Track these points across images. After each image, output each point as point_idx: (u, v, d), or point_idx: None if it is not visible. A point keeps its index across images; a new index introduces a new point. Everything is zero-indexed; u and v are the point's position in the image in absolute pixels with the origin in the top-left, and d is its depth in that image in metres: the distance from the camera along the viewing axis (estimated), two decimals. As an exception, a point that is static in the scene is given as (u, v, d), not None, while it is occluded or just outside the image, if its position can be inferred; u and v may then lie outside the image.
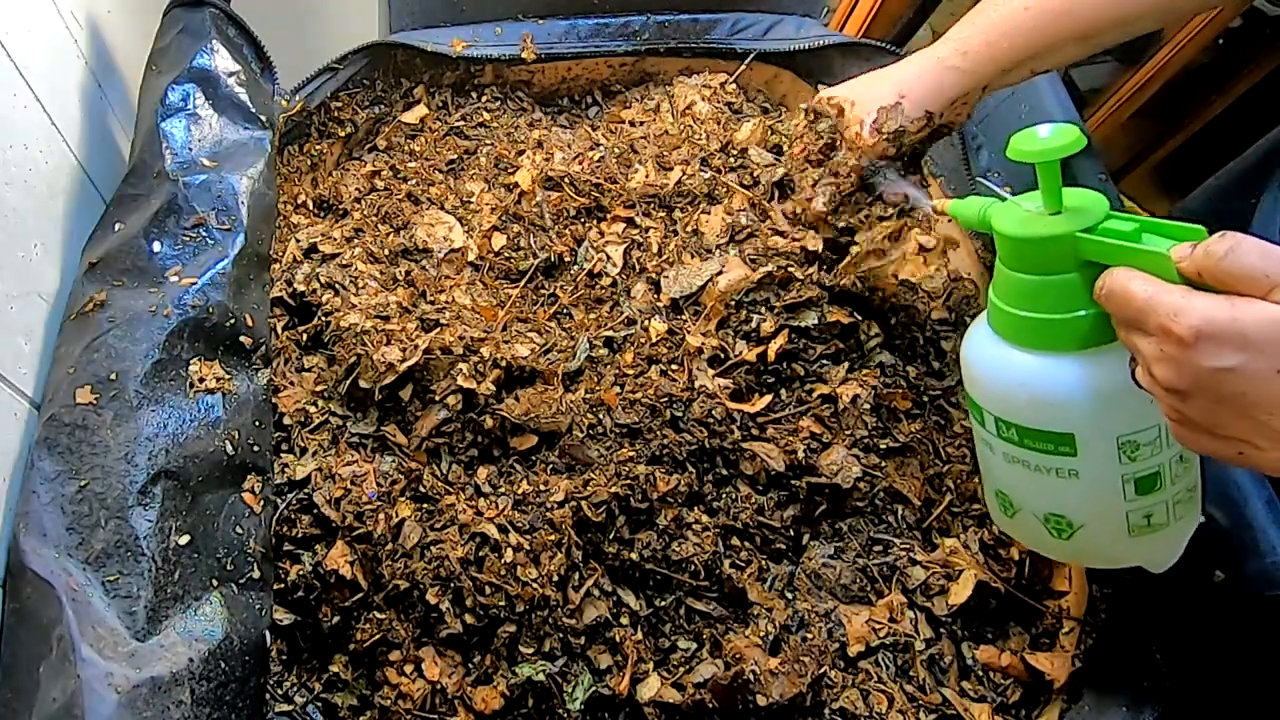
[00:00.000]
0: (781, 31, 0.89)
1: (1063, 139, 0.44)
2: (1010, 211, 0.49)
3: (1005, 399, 0.50)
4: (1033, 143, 0.45)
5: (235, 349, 0.61)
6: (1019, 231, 0.46)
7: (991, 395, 0.51)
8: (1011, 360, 0.49)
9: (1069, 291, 0.46)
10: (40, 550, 0.48)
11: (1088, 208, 0.46)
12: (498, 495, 0.60)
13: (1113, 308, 0.43)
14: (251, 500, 0.57)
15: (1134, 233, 0.43)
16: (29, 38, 0.63)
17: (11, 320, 0.55)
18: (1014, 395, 0.49)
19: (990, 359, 0.50)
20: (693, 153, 0.80)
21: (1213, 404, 0.39)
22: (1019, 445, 0.51)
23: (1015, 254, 0.47)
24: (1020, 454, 0.51)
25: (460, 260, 0.73)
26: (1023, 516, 0.54)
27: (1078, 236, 0.44)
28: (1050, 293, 0.46)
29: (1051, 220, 0.46)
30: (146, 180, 0.64)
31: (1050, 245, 0.45)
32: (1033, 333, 0.48)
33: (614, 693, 0.56)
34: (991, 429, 0.52)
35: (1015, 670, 0.60)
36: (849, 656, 0.59)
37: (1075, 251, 0.44)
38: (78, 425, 0.52)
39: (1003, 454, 0.52)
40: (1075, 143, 0.44)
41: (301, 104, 0.77)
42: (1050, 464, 0.50)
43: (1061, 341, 0.47)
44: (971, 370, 0.53)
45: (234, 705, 0.49)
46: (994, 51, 0.60)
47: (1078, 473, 0.49)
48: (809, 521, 0.64)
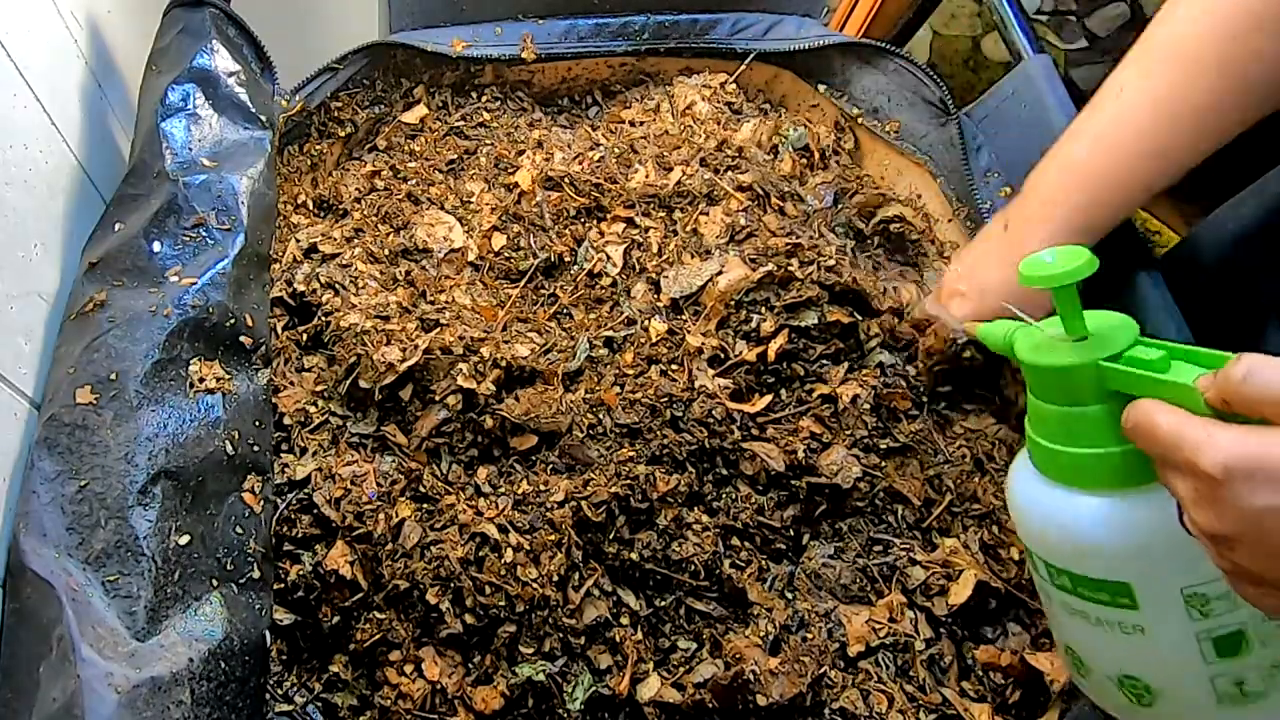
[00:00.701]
0: (781, 31, 0.89)
1: (1073, 262, 0.41)
2: (1033, 337, 0.46)
3: (1050, 542, 0.46)
4: (1043, 268, 0.42)
5: (235, 349, 0.61)
6: (1039, 359, 0.43)
7: (1036, 538, 0.47)
8: (1050, 499, 0.45)
9: (1099, 424, 0.42)
10: (40, 550, 0.48)
11: (1114, 333, 0.42)
12: (498, 495, 0.60)
13: (1140, 444, 0.39)
14: (251, 500, 0.57)
15: (1160, 361, 0.40)
16: (29, 38, 0.63)
17: (11, 320, 0.55)
18: (1057, 538, 0.45)
19: (1030, 496, 0.47)
20: (693, 153, 0.80)
21: (1260, 548, 0.34)
22: (1074, 594, 0.46)
23: (1040, 383, 0.44)
24: (1079, 604, 0.46)
25: (460, 260, 0.73)
26: (1096, 678, 0.49)
27: (1102, 365, 0.41)
28: (1080, 425, 0.43)
29: (1074, 347, 0.43)
30: (146, 180, 0.64)
31: (1073, 375, 0.42)
32: (1068, 468, 0.44)
33: (614, 693, 0.56)
34: (1045, 575, 0.48)
35: (1015, 670, 0.60)
36: (849, 656, 0.59)
37: (1101, 381, 0.41)
38: (78, 425, 0.52)
39: (1060, 604, 0.48)
40: (1087, 265, 0.41)
41: (301, 104, 0.77)
42: (1112, 617, 0.45)
43: (1099, 479, 0.43)
44: (1014, 508, 0.49)
45: (234, 705, 0.49)
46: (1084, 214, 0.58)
47: (1143, 628, 0.44)
48: (809, 521, 0.64)
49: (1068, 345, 0.43)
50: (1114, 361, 0.41)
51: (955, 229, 0.80)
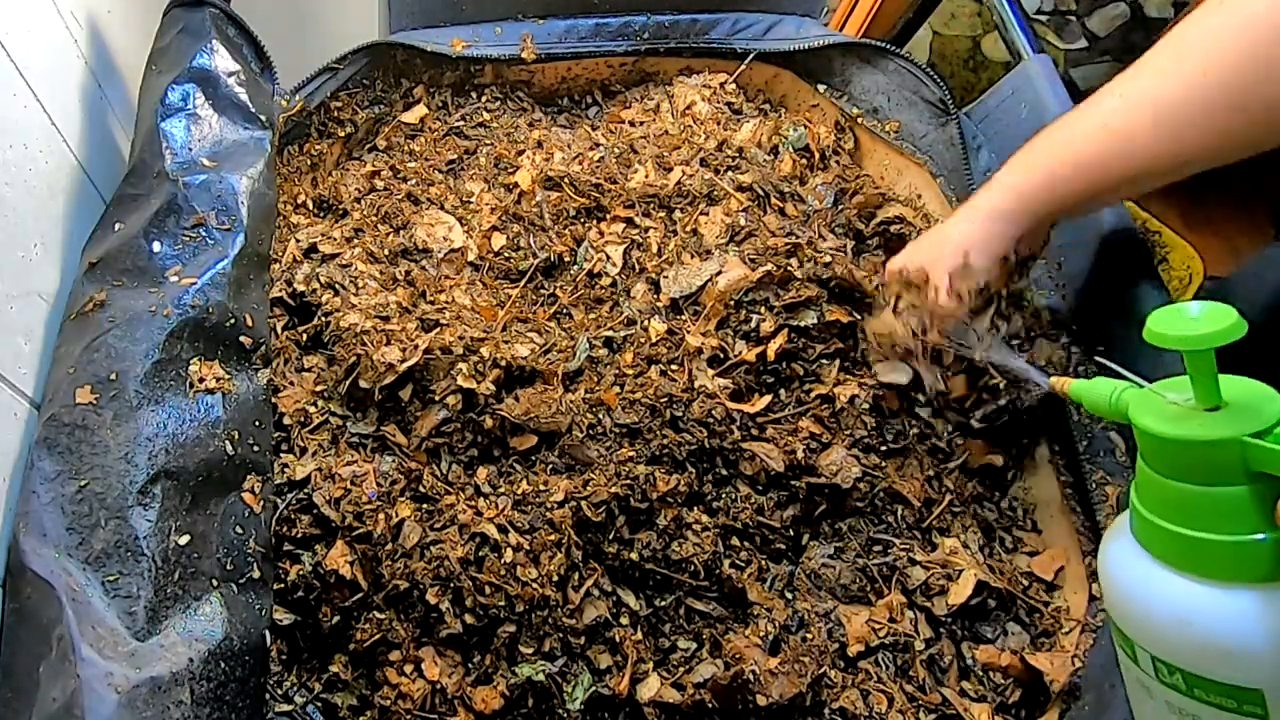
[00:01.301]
0: (781, 31, 0.89)
1: (1218, 323, 0.36)
2: (1153, 403, 0.40)
3: (1163, 636, 0.40)
4: (1180, 325, 0.37)
5: (235, 349, 0.61)
6: (1170, 430, 0.38)
7: (1144, 628, 0.41)
8: (1168, 587, 0.39)
9: (1238, 508, 0.37)
10: (40, 550, 0.48)
11: (1255, 403, 0.37)
12: (498, 495, 0.60)
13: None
14: (251, 500, 0.57)
15: None
16: (29, 38, 0.63)
17: (11, 320, 0.55)
18: (1175, 633, 0.40)
19: (1139, 580, 0.41)
20: (693, 153, 0.80)
21: None
22: (1188, 696, 0.40)
23: (1167, 457, 0.39)
24: (1190, 706, 0.41)
25: (460, 260, 0.73)
26: None
27: (1246, 443, 0.36)
28: (1215, 507, 0.38)
29: (1211, 420, 0.37)
30: (146, 180, 0.64)
31: (1214, 450, 0.36)
32: (1197, 555, 0.39)
33: (614, 693, 0.56)
34: (1148, 669, 0.42)
35: (1015, 670, 0.60)
36: (849, 656, 0.59)
37: (1244, 459, 0.36)
38: (78, 425, 0.52)
39: (1165, 702, 0.42)
40: (1234, 329, 0.36)
41: (301, 104, 0.77)
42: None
43: (1234, 570, 0.38)
44: (1115, 592, 0.43)
45: (234, 705, 0.49)
46: (1054, 189, 0.56)
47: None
48: (809, 521, 0.64)
49: (1199, 415, 0.38)
50: (1263, 438, 0.36)
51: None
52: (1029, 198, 0.58)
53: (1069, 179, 0.56)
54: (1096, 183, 0.55)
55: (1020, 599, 0.62)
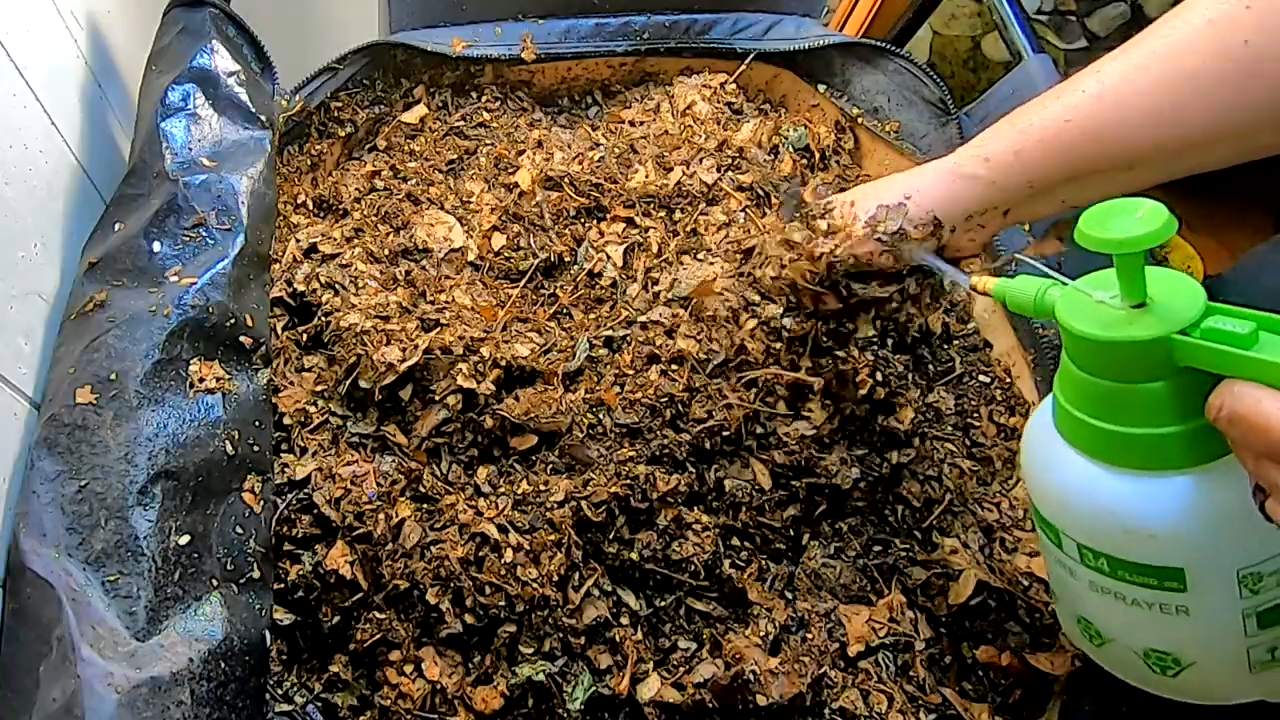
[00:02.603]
0: (781, 31, 0.89)
1: (1149, 225, 0.36)
2: (1079, 303, 0.40)
3: (1090, 526, 0.42)
4: (1110, 228, 0.37)
5: (235, 349, 0.61)
6: (1098, 332, 0.38)
7: (1070, 519, 0.43)
8: (1095, 481, 0.41)
9: (1164, 402, 0.38)
10: (40, 550, 0.48)
11: (1179, 300, 0.37)
12: (498, 495, 0.60)
13: (1238, 434, 0.35)
14: (251, 500, 0.57)
15: (1249, 337, 0.35)
16: (29, 38, 0.63)
17: (11, 320, 0.55)
18: (1102, 523, 0.41)
19: (1066, 475, 0.42)
20: (693, 153, 0.80)
21: None
22: (1111, 577, 0.42)
23: (1093, 356, 0.39)
24: (1113, 585, 0.43)
25: (460, 260, 0.73)
26: (1114, 648, 0.46)
27: (1174, 339, 0.36)
28: (1141, 403, 0.38)
29: (1138, 318, 0.37)
30: (146, 180, 0.64)
31: (1142, 350, 0.37)
32: (1120, 449, 0.40)
33: (614, 693, 0.56)
34: (1072, 554, 0.44)
35: (1015, 670, 0.60)
36: (849, 656, 0.59)
37: (1170, 356, 0.37)
38: (78, 425, 0.52)
39: (1088, 582, 0.44)
40: (1165, 229, 0.36)
41: (301, 104, 0.77)
42: (1153, 599, 0.42)
43: (1158, 459, 0.39)
44: (1039, 484, 0.44)
45: (234, 705, 0.49)
46: (1023, 164, 0.51)
47: (1188, 609, 0.41)
48: (809, 521, 0.64)
49: (1125, 314, 0.38)
50: (1189, 333, 0.36)
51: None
52: (996, 166, 0.53)
53: (1038, 156, 0.51)
54: (1059, 170, 0.51)
55: (1020, 599, 0.62)
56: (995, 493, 0.69)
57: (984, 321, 0.76)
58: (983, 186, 0.53)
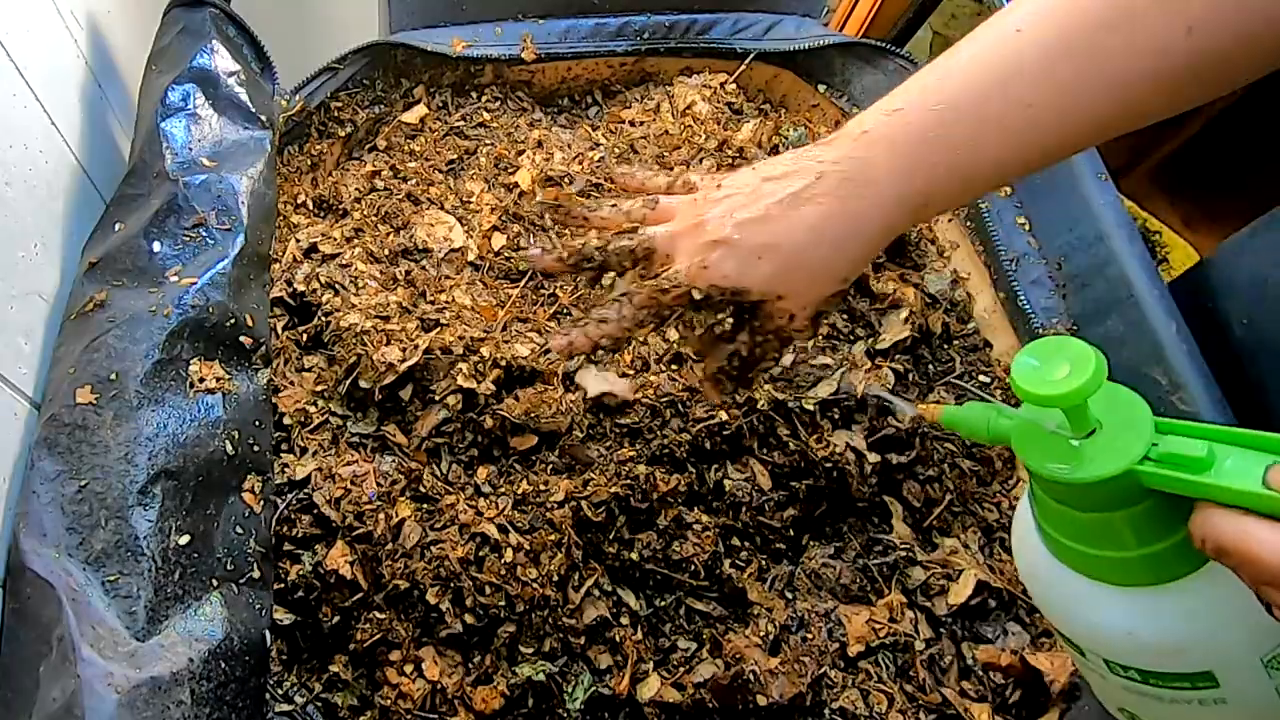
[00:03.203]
0: (781, 31, 0.89)
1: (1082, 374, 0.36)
2: (1033, 435, 0.40)
3: (1110, 646, 0.41)
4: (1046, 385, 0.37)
5: (235, 349, 0.61)
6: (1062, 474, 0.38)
7: (1087, 640, 0.42)
8: (1103, 602, 0.40)
9: (1147, 522, 0.38)
10: (40, 550, 0.48)
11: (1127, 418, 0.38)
12: (498, 495, 0.60)
13: (1230, 564, 0.35)
14: (251, 500, 0.57)
15: (1205, 460, 0.35)
16: (29, 38, 0.63)
17: (11, 320, 0.55)
18: (1122, 643, 0.41)
19: (1071, 598, 0.42)
20: (693, 153, 0.80)
21: None
22: (1143, 684, 0.42)
23: (1064, 492, 0.39)
24: (1147, 690, 0.42)
25: (460, 260, 0.73)
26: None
27: (1136, 471, 0.36)
28: (1125, 527, 0.38)
29: (1094, 450, 0.38)
30: (146, 180, 0.64)
31: (1107, 486, 0.37)
32: (1119, 570, 0.39)
33: (614, 693, 0.56)
34: (1098, 666, 0.43)
35: (1015, 670, 0.60)
36: (849, 656, 0.59)
37: (1137, 483, 0.37)
38: (78, 425, 0.52)
39: (1122, 686, 0.43)
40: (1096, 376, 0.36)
41: (301, 104, 0.77)
42: (1190, 697, 0.41)
43: (1158, 573, 0.39)
44: (1047, 605, 0.44)
45: (234, 705, 0.49)
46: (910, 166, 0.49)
47: (1225, 699, 0.41)
48: (809, 522, 0.64)
49: (1079, 446, 0.38)
50: (1147, 464, 0.36)
51: (955, 229, 0.80)
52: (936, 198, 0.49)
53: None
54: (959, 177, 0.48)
55: (1020, 599, 0.62)
56: (995, 493, 0.69)
57: (984, 322, 0.76)
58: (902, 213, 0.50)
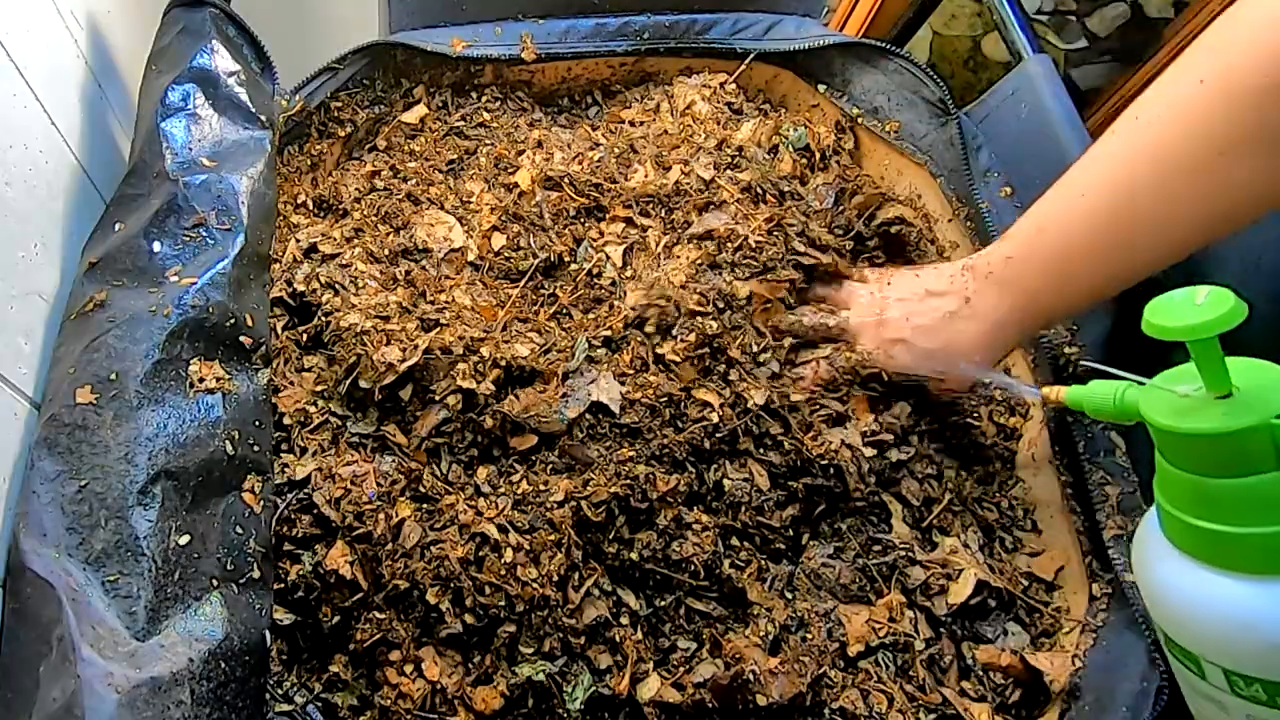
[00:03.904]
0: (781, 31, 0.89)
1: (1217, 309, 0.34)
2: (1163, 399, 0.38)
3: (1233, 648, 0.38)
4: (1179, 315, 0.35)
5: (235, 349, 0.61)
6: (1196, 425, 0.35)
7: (1209, 641, 0.39)
8: (1230, 593, 0.37)
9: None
10: (40, 550, 0.48)
11: (1267, 383, 0.36)
12: (498, 495, 0.60)
13: None
14: (251, 500, 0.57)
15: None
16: (29, 38, 0.63)
17: (11, 320, 0.55)
18: (1248, 642, 0.37)
19: (1193, 591, 0.38)
20: (692, 153, 0.80)
21: None
22: (1269, 706, 0.38)
23: (1196, 454, 0.37)
24: (1274, 716, 0.38)
25: (460, 260, 0.73)
26: None
27: (1275, 425, 0.34)
28: (1259, 497, 0.35)
29: (1230, 408, 0.35)
30: (146, 180, 0.64)
31: (1243, 440, 0.35)
32: (1248, 552, 0.36)
33: (614, 693, 0.56)
34: (1219, 683, 0.39)
35: (1015, 670, 0.60)
36: (849, 656, 0.59)
37: (1275, 443, 0.35)
38: (78, 425, 0.52)
39: (1245, 715, 0.40)
40: (1234, 312, 0.34)
41: (301, 104, 0.77)
42: None
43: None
44: (1167, 607, 0.41)
45: (234, 705, 0.49)
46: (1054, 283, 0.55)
47: None
48: (809, 521, 0.64)
49: (1214, 405, 0.36)
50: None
51: (955, 229, 0.80)
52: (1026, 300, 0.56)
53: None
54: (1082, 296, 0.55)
55: (1020, 599, 0.62)
56: (995, 493, 0.69)
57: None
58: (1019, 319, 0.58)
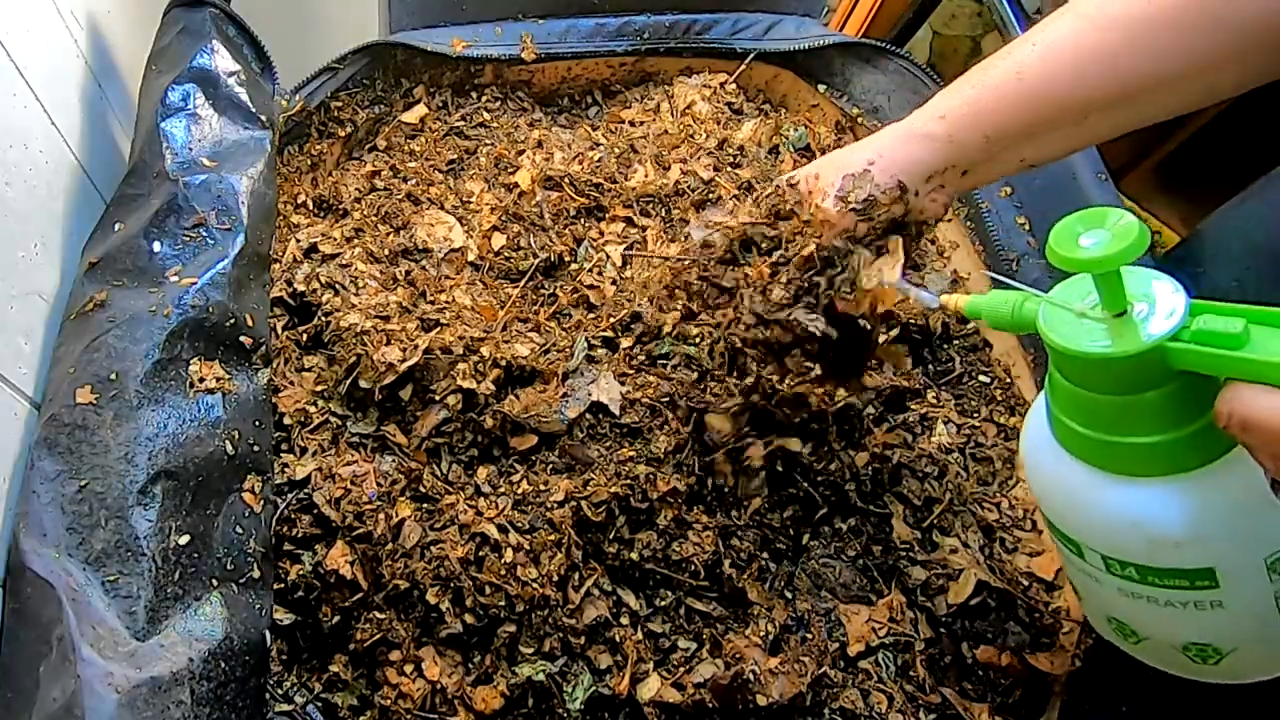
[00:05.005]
0: (781, 31, 0.89)
1: (1123, 240, 0.35)
2: (1061, 317, 0.39)
3: (1112, 538, 0.41)
4: (1082, 246, 0.36)
5: (235, 349, 0.61)
6: (1089, 347, 0.37)
7: (1089, 533, 0.42)
8: (1110, 494, 0.40)
9: (1168, 407, 0.37)
10: (40, 550, 0.48)
11: (1160, 299, 0.37)
12: (498, 495, 0.60)
13: (1253, 440, 0.34)
14: (251, 500, 0.57)
15: (1240, 336, 0.34)
16: (29, 38, 0.63)
17: (11, 320, 0.55)
18: (1125, 534, 0.40)
19: (1078, 489, 0.41)
20: (692, 152, 0.80)
21: None
22: (1140, 583, 0.42)
23: (1088, 372, 0.38)
24: (1144, 590, 0.42)
25: (460, 260, 0.73)
26: (1151, 645, 0.46)
27: (1167, 347, 0.35)
28: (1145, 412, 0.37)
29: (1125, 328, 0.36)
30: (146, 180, 0.64)
31: (1134, 361, 0.36)
32: (1131, 458, 0.39)
33: (614, 693, 0.56)
34: (1096, 564, 0.43)
35: (1015, 670, 0.60)
36: (849, 656, 0.59)
37: (1165, 361, 0.36)
38: (78, 425, 0.52)
39: (1116, 588, 0.43)
40: (1138, 243, 0.35)
41: (301, 104, 0.77)
42: (1186, 599, 0.41)
43: (1172, 463, 0.38)
44: (1051, 500, 0.43)
45: (234, 705, 0.49)
46: (979, 120, 0.51)
47: (1222, 603, 0.41)
48: (809, 522, 0.64)
49: (1110, 324, 0.37)
50: (1180, 339, 0.35)
51: (955, 229, 0.80)
52: (952, 123, 0.52)
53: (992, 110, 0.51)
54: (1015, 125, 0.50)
55: (1020, 599, 0.62)
56: (995, 493, 0.69)
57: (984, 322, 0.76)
58: (941, 145, 0.53)
